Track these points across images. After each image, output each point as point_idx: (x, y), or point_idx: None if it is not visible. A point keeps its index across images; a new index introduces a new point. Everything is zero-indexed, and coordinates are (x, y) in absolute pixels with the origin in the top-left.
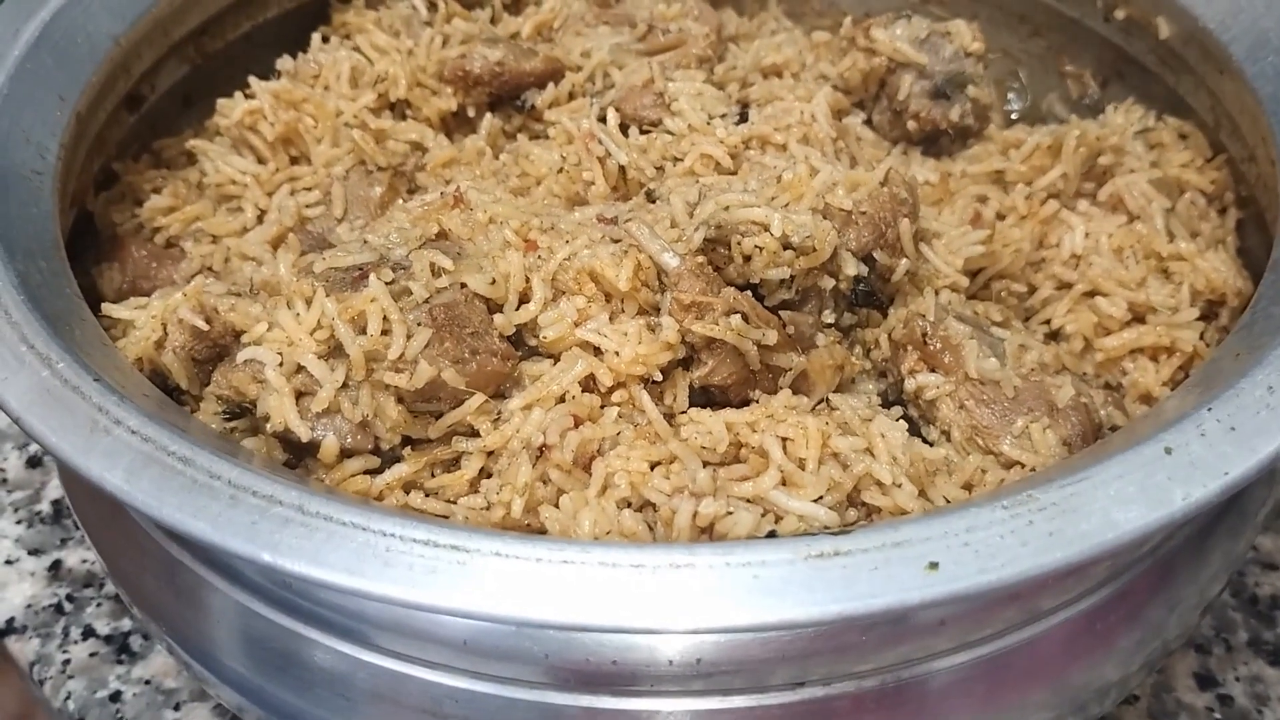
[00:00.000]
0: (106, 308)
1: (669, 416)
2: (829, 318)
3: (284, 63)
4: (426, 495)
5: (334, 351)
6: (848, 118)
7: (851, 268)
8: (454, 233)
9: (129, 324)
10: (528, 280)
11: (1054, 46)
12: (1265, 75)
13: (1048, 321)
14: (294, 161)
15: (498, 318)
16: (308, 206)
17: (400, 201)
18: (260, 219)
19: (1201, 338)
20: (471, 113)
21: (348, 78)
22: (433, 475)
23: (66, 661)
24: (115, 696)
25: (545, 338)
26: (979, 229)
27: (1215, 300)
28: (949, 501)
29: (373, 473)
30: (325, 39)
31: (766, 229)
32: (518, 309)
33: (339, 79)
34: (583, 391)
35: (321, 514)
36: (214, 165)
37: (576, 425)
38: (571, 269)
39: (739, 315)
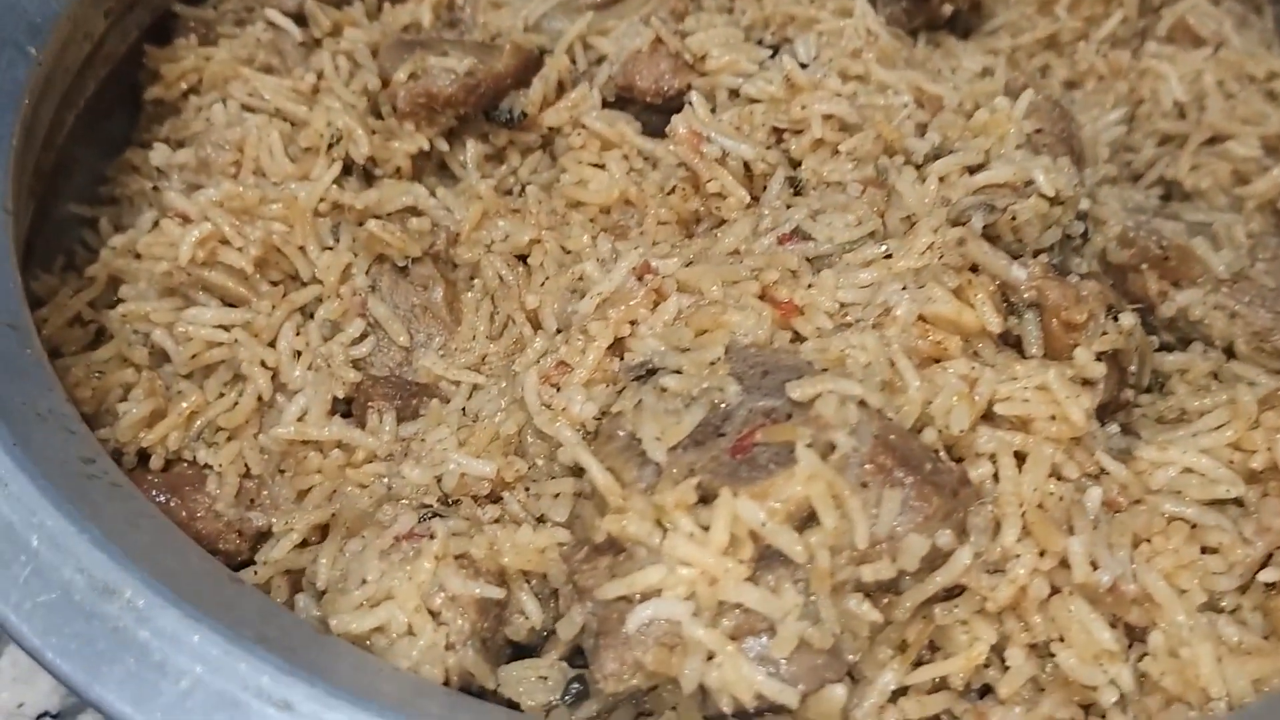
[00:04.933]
0: (341, 626)
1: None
2: (1083, 267)
3: (171, 156)
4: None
5: (763, 566)
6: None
7: (1085, 201)
8: (732, 333)
9: (378, 631)
10: (891, 363)
11: None
12: None
13: (1162, 181)
14: (275, 286)
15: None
16: (353, 344)
17: (471, 298)
18: (275, 380)
19: None
20: (444, 145)
21: (281, 150)
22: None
23: None
24: None
25: (957, 430)
26: (1090, 104)
27: None
28: None
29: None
30: (223, 102)
31: (1033, 188)
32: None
33: (272, 154)
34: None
35: None
36: (168, 335)
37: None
38: (908, 323)
39: (1129, 312)
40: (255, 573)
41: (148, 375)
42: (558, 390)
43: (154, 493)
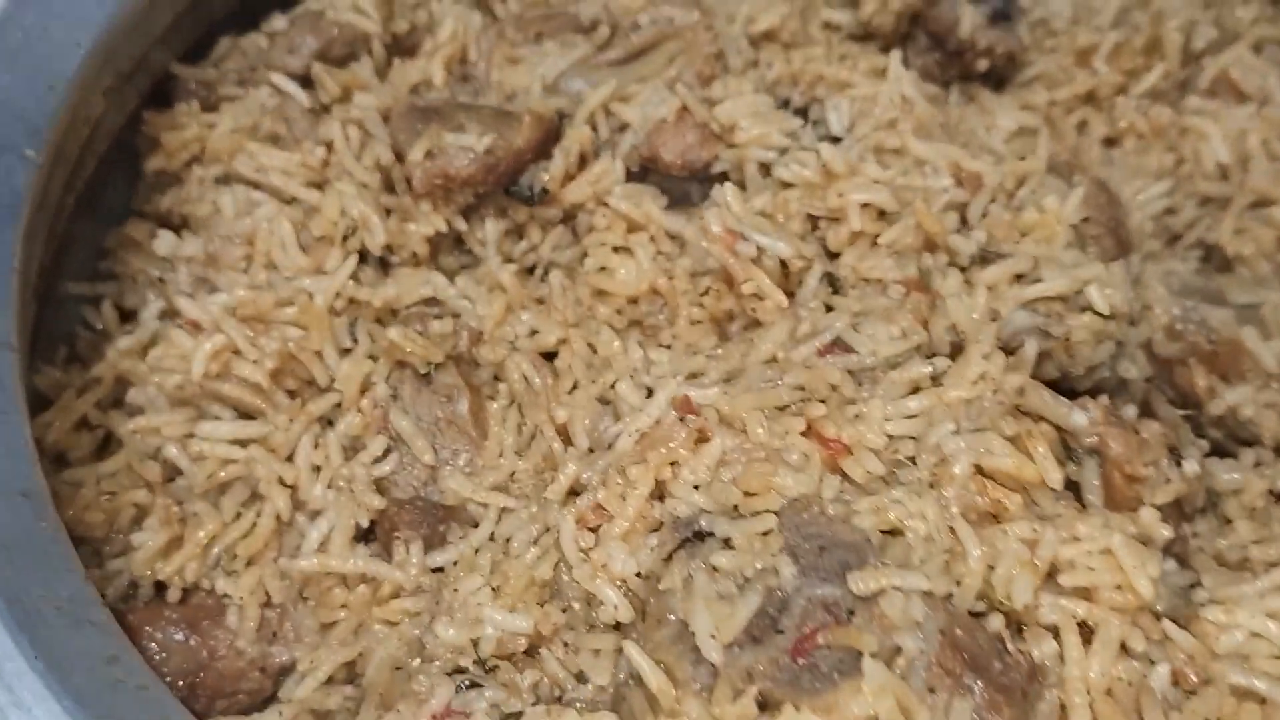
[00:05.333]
0: None
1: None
2: (1131, 372)
3: (178, 246)
4: None
5: None
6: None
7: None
8: (757, 489)
9: None
10: (952, 529)
11: None
12: None
13: (1201, 244)
14: (292, 396)
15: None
16: (375, 462)
17: (498, 408)
18: (293, 499)
19: None
20: (463, 224)
21: (294, 241)
22: None
23: None
24: None
25: (1020, 604)
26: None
27: None
28: None
29: None
30: (229, 185)
31: (1087, 306)
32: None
33: (284, 247)
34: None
35: None
36: (183, 452)
37: None
38: (964, 479)
39: (1176, 455)
40: (280, 713)
41: (162, 501)
42: (595, 534)
43: (173, 630)
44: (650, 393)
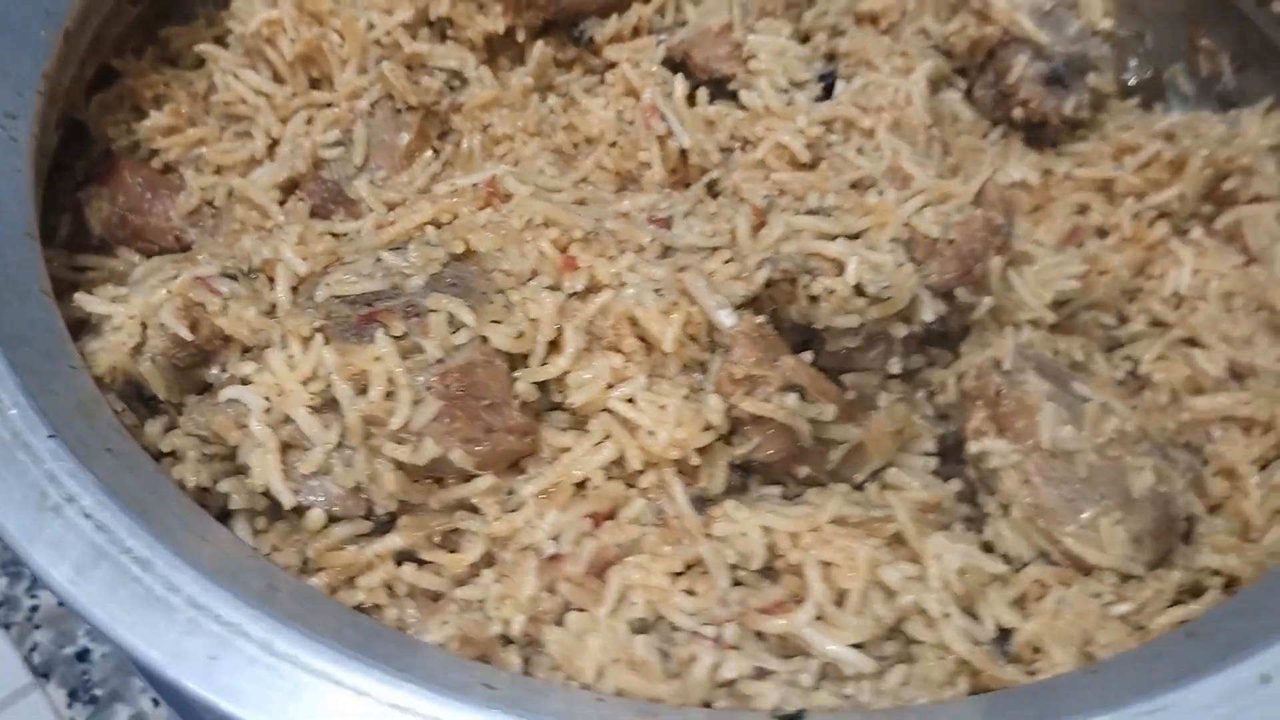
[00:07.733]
0: (80, 300)
1: (702, 500)
2: (895, 367)
3: None
4: (420, 566)
5: (328, 405)
6: (946, 91)
7: (929, 313)
8: (481, 252)
9: (105, 318)
10: (559, 329)
11: (1192, 14)
12: None
13: (1132, 359)
14: (314, 84)
15: (520, 381)
16: (325, 147)
17: (429, 155)
18: (271, 150)
19: None
20: (521, 36)
21: None
22: (429, 545)
23: (34, 608)
24: (83, 655)
25: (573, 402)
26: (1073, 252)
27: None
28: (1000, 626)
29: (363, 537)
30: None
31: (840, 270)
32: (545, 362)
33: None
34: (607, 477)
35: (290, 656)
36: (224, 80)
37: (597, 525)
38: (612, 312)
39: (795, 393)
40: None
41: (187, 99)
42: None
43: (138, 179)
44: None
